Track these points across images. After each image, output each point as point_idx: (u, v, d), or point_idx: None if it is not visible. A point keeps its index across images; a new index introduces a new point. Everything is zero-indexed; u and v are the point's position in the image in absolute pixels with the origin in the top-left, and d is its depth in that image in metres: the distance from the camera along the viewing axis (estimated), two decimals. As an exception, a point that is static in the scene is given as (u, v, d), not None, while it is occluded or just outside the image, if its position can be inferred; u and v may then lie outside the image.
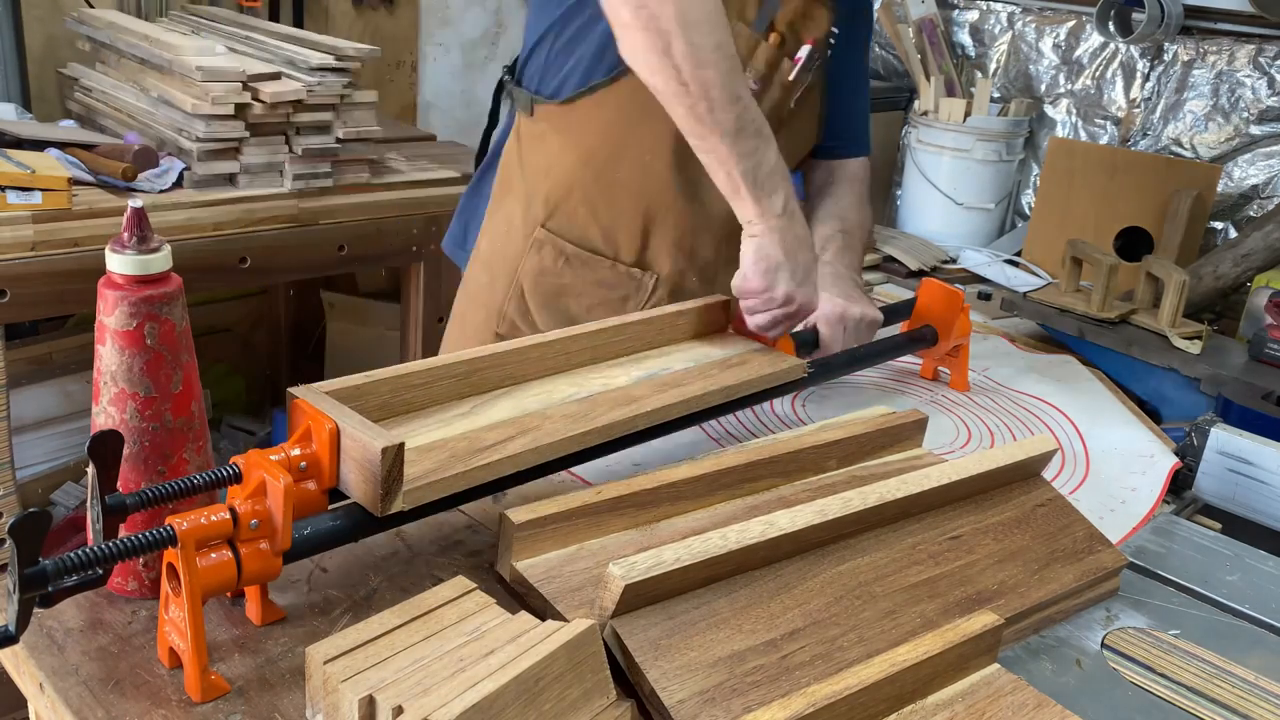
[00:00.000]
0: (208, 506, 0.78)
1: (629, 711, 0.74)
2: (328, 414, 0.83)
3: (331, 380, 0.93)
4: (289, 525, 0.78)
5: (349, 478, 0.83)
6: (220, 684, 0.78)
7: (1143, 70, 2.61)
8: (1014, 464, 1.01)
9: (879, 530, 0.92)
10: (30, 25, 2.38)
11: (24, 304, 1.76)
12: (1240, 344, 1.94)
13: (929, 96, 2.71)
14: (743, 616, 0.80)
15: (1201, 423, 1.27)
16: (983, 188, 2.69)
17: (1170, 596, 1.02)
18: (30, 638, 0.82)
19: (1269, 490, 1.22)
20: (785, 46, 1.32)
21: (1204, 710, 0.86)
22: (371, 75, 2.99)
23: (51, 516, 0.71)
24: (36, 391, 2.18)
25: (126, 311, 0.83)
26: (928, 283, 1.44)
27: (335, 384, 0.92)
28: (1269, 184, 2.44)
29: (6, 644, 0.72)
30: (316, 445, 0.84)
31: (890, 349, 1.38)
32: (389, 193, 2.17)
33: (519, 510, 0.88)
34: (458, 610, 0.79)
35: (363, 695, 0.69)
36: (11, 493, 1.83)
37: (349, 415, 0.84)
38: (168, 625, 0.79)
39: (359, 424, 0.83)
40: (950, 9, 2.94)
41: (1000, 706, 0.79)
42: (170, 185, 1.93)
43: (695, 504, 0.98)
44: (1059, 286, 2.02)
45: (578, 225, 1.38)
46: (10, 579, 0.70)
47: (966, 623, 0.82)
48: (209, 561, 0.76)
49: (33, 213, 1.73)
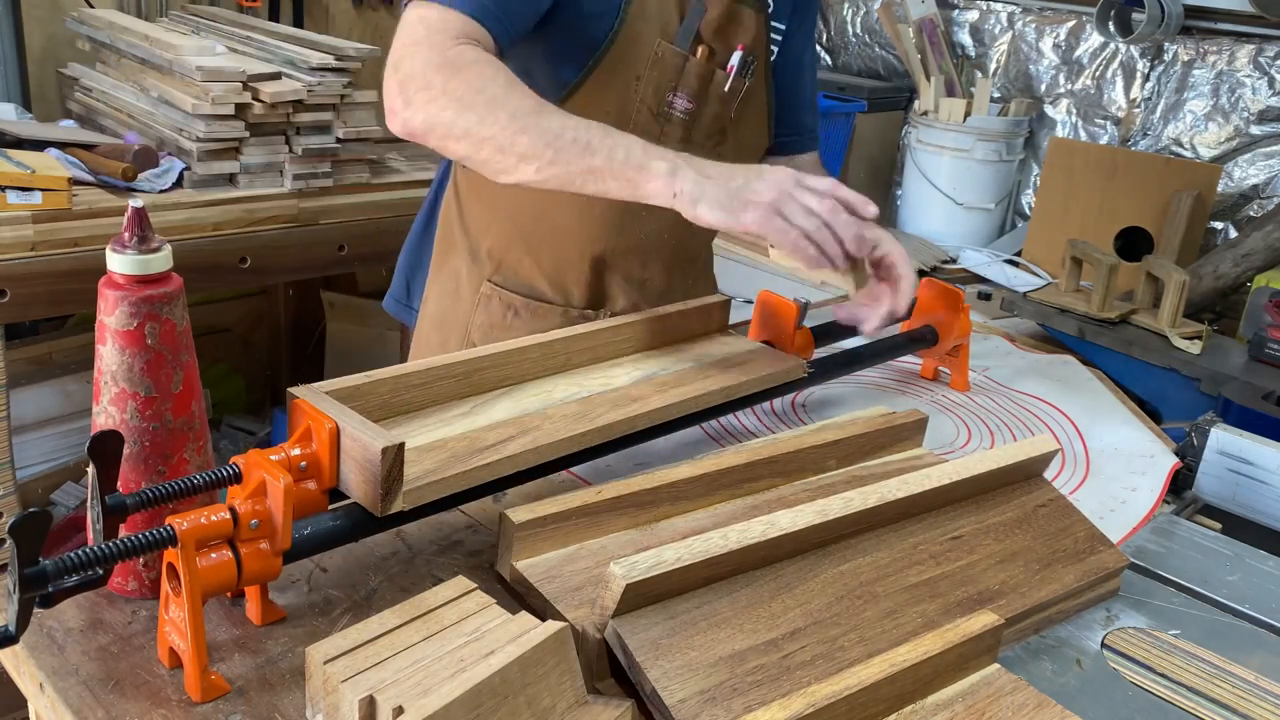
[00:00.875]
0: (208, 506, 0.78)
1: (629, 711, 0.74)
2: (328, 414, 0.83)
3: (331, 380, 0.93)
4: (289, 525, 0.78)
5: (349, 478, 0.83)
6: (220, 684, 0.78)
7: (1143, 70, 2.61)
8: (1015, 464, 1.01)
9: (880, 530, 0.92)
10: (30, 25, 2.38)
11: (24, 304, 1.76)
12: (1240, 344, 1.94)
13: (929, 96, 2.71)
14: (743, 616, 0.80)
15: (1201, 423, 1.27)
16: (983, 188, 2.69)
17: (1170, 596, 1.02)
18: (30, 638, 0.82)
19: (1269, 490, 1.22)
20: (715, 58, 1.28)
21: (1204, 710, 0.86)
22: (371, 75, 2.98)
23: (52, 516, 0.71)
24: (36, 391, 2.18)
25: (127, 311, 0.83)
26: (928, 282, 1.44)
27: (335, 384, 0.92)
28: (1269, 184, 2.44)
29: (6, 644, 0.72)
30: (317, 445, 0.84)
31: (890, 349, 1.38)
32: (389, 193, 2.18)
33: (519, 510, 0.88)
34: (458, 610, 0.79)
35: (363, 695, 0.69)
36: (11, 492, 1.83)
37: (349, 415, 0.84)
38: (168, 625, 0.79)
39: (359, 424, 0.82)
40: (950, 9, 2.94)
41: (1000, 707, 0.79)
42: (170, 185, 1.93)
43: (695, 504, 0.98)
44: (1059, 286, 2.02)
45: (523, 275, 1.36)
46: (10, 579, 0.70)
47: (967, 623, 0.82)
48: (209, 561, 0.76)
49: (33, 213, 1.73)
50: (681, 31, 1.24)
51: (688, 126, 1.30)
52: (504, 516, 0.88)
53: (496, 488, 0.93)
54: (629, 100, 1.25)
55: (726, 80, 1.29)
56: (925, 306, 1.44)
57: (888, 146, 3.05)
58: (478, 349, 1.05)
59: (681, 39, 1.25)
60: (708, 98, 1.29)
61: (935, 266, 2.36)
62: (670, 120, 1.28)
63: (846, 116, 2.73)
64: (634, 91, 1.24)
